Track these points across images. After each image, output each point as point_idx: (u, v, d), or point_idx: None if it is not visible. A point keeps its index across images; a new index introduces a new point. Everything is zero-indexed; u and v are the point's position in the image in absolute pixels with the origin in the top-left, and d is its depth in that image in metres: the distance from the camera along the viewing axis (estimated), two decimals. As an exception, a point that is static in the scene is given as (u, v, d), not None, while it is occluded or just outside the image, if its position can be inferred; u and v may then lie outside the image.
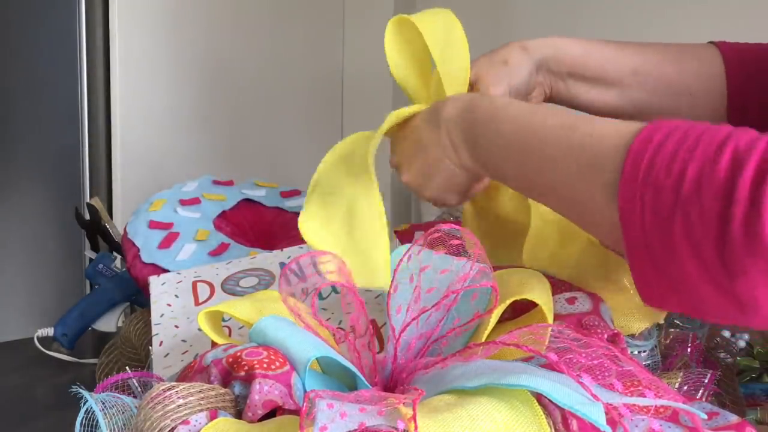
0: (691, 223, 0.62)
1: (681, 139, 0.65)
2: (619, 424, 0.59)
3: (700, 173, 0.63)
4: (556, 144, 0.75)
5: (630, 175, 0.67)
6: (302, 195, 1.27)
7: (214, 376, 0.69)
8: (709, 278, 0.62)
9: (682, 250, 0.63)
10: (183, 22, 2.21)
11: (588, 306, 0.79)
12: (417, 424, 0.55)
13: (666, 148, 0.66)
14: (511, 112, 0.81)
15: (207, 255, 1.10)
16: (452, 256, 0.75)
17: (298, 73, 2.53)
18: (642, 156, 0.66)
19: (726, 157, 0.62)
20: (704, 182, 0.62)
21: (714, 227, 0.61)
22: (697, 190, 0.62)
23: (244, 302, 0.81)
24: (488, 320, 0.74)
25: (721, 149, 0.63)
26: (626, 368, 0.63)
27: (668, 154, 0.65)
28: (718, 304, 0.64)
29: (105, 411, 0.66)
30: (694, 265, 0.63)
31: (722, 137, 0.64)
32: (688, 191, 0.63)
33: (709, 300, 0.64)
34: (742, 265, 0.60)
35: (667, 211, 0.64)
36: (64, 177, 2.13)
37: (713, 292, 0.63)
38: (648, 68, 1.02)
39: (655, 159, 0.65)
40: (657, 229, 0.65)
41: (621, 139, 0.69)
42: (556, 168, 0.75)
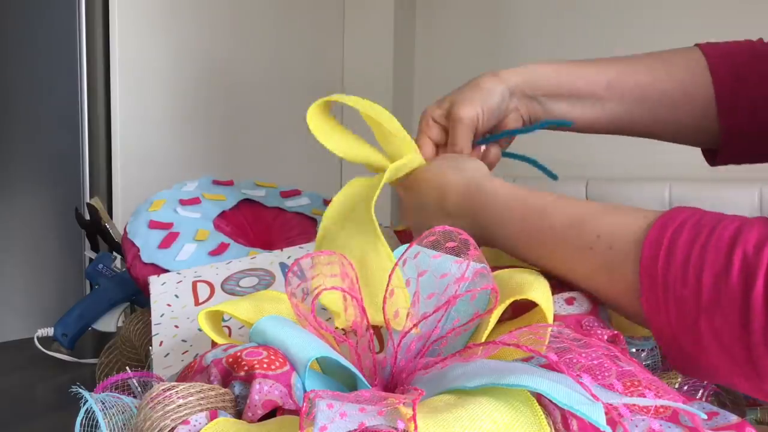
0: (716, 329, 0.65)
1: (689, 244, 0.67)
2: (619, 424, 0.59)
3: (716, 283, 0.65)
4: (566, 247, 0.78)
5: (649, 288, 0.69)
6: (302, 195, 1.28)
7: (214, 376, 0.69)
8: (742, 375, 0.66)
9: (711, 351, 0.66)
10: (183, 22, 2.21)
11: (587, 307, 0.78)
12: (417, 424, 0.55)
13: (677, 255, 0.68)
14: (516, 213, 0.83)
15: (207, 255, 1.10)
16: (450, 257, 0.75)
17: (298, 73, 2.54)
18: (655, 266, 0.69)
19: (736, 267, 0.64)
20: (722, 293, 0.65)
21: (738, 334, 0.64)
22: (717, 299, 0.65)
23: (244, 302, 0.81)
24: (488, 320, 0.74)
25: (731, 257, 0.65)
26: (626, 368, 0.62)
27: (681, 263, 0.67)
28: (751, 391, 0.68)
29: (105, 411, 0.66)
30: (725, 363, 0.66)
31: (730, 239, 0.66)
32: (708, 300, 0.65)
33: (741, 387, 0.69)
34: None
35: (692, 319, 0.67)
36: (64, 177, 2.13)
37: (746, 385, 0.67)
38: (622, 80, 1.03)
39: (669, 269, 0.68)
40: (685, 333, 0.68)
41: (631, 242, 0.71)
42: (569, 268, 0.78)
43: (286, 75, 2.49)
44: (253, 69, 2.41)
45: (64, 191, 2.12)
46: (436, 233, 0.75)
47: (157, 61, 2.18)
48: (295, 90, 2.53)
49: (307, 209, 1.25)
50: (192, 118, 2.26)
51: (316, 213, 1.23)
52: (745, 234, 0.65)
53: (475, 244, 0.75)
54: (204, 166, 2.26)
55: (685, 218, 0.70)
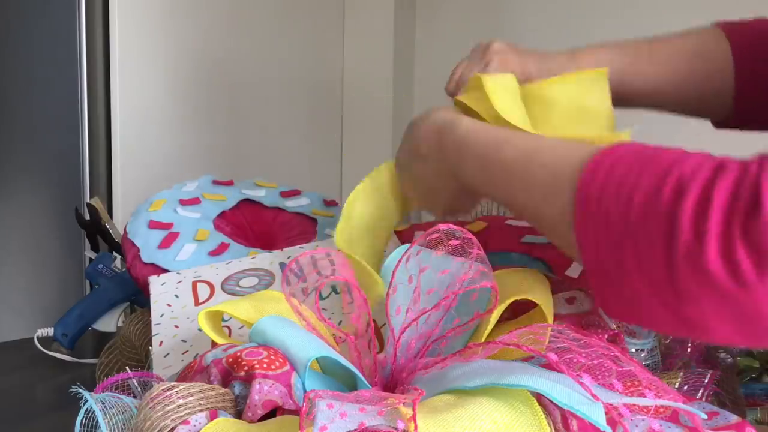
0: (640, 251, 0.63)
1: (627, 169, 0.66)
2: (619, 424, 0.59)
3: (645, 202, 0.63)
4: (516, 178, 0.77)
5: (581, 208, 0.68)
6: (302, 195, 1.28)
7: (214, 376, 0.69)
8: (660, 301, 0.64)
9: (634, 275, 0.64)
10: (183, 22, 2.21)
11: (587, 306, 0.79)
12: (417, 424, 0.55)
13: (612, 179, 0.67)
14: (476, 149, 0.84)
15: (207, 255, 1.10)
16: (451, 256, 0.75)
17: (298, 73, 2.54)
18: (591, 186, 0.68)
19: (669, 187, 0.63)
20: (650, 211, 0.63)
21: (661, 256, 0.62)
22: (644, 219, 0.63)
23: (244, 302, 0.81)
24: (488, 320, 0.74)
25: (666, 178, 0.63)
26: (626, 368, 0.63)
27: (616, 183, 0.66)
28: (671, 323, 0.65)
29: (105, 411, 0.66)
30: (645, 288, 0.64)
31: (668, 163, 0.64)
32: (635, 220, 0.64)
33: (662, 319, 0.65)
34: (689, 293, 0.61)
35: (617, 238, 0.65)
36: (64, 177, 2.12)
37: (665, 312, 0.64)
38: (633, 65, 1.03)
39: (604, 190, 0.67)
40: (610, 255, 0.66)
41: (572, 172, 0.70)
42: (518, 199, 0.78)
43: (285, 75, 2.49)
44: (253, 69, 2.41)
45: (64, 191, 2.12)
46: (440, 231, 0.75)
47: (157, 61, 2.18)
48: (295, 90, 2.53)
49: (307, 209, 1.25)
50: (192, 118, 2.26)
51: (316, 213, 1.23)
52: (684, 159, 0.64)
53: (479, 243, 0.75)
54: (204, 166, 2.26)
55: (629, 148, 0.69)
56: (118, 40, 2.08)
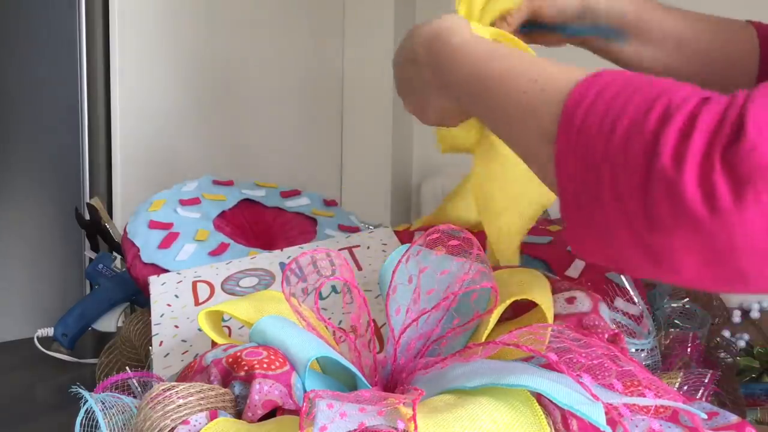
0: (617, 176, 0.62)
1: (617, 93, 0.65)
2: (619, 424, 0.59)
3: (629, 127, 0.62)
4: (502, 89, 0.76)
5: (565, 126, 0.66)
6: (302, 195, 1.28)
7: (214, 376, 0.69)
8: (632, 233, 0.62)
9: (608, 203, 0.62)
10: (183, 22, 2.21)
11: (588, 306, 0.79)
12: (417, 424, 0.55)
13: (601, 100, 0.65)
14: (469, 58, 0.82)
15: (207, 255, 1.10)
16: (451, 256, 0.76)
17: (298, 73, 2.54)
18: (577, 108, 0.66)
19: (655, 113, 0.61)
20: (632, 136, 0.61)
21: (638, 181, 0.60)
22: (625, 143, 0.62)
23: (244, 302, 0.81)
24: (488, 320, 0.74)
25: (653, 104, 0.62)
26: (626, 368, 0.63)
27: (603, 108, 0.65)
28: (640, 258, 0.63)
29: (105, 411, 0.66)
30: (618, 217, 0.62)
31: (657, 92, 0.63)
32: (617, 144, 0.62)
33: (631, 253, 0.63)
34: (662, 222, 0.59)
35: (596, 162, 0.63)
36: (64, 177, 2.12)
37: (635, 246, 0.62)
38: (689, 37, 1.03)
39: (590, 111, 0.65)
40: (585, 179, 0.64)
41: (561, 89, 0.69)
42: (501, 113, 0.76)
43: (285, 75, 2.49)
44: (253, 69, 2.41)
45: (64, 191, 2.12)
46: (439, 231, 0.75)
47: (157, 61, 2.18)
48: (295, 90, 2.53)
49: (307, 209, 1.24)
50: (192, 118, 2.26)
51: (316, 213, 1.23)
52: (674, 89, 0.63)
53: (478, 244, 0.75)
54: (204, 166, 2.25)
55: (620, 74, 0.68)
56: (118, 40, 2.08)
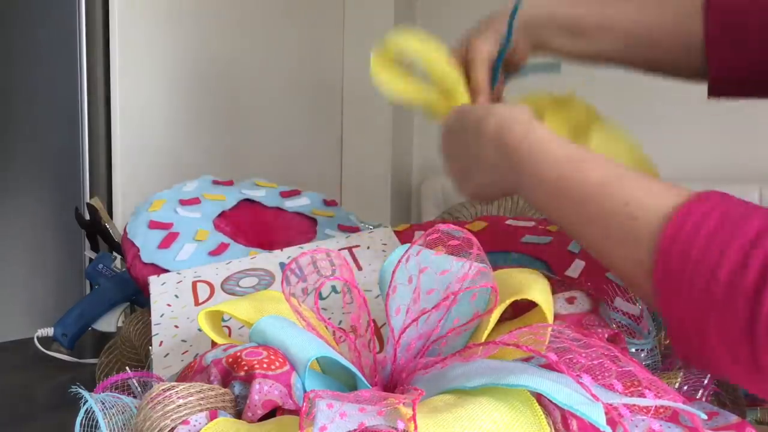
0: (725, 325, 0.65)
1: (715, 231, 0.67)
2: (619, 425, 0.59)
3: (731, 280, 0.64)
4: (593, 205, 0.76)
5: (663, 269, 0.69)
6: (302, 195, 1.28)
7: (214, 376, 0.69)
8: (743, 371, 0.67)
9: (716, 344, 0.67)
10: (183, 22, 2.21)
11: (588, 306, 0.79)
12: (417, 424, 0.55)
13: (699, 240, 0.67)
14: (552, 156, 0.81)
15: (207, 255, 1.10)
16: (451, 256, 0.75)
17: (298, 73, 2.54)
18: (675, 244, 0.68)
19: (754, 267, 0.64)
20: (735, 291, 0.64)
21: (744, 334, 0.64)
22: (729, 297, 0.65)
23: (244, 302, 0.81)
24: (488, 320, 0.74)
25: (751, 252, 0.64)
26: (626, 368, 0.63)
27: (701, 249, 0.66)
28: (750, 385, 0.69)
29: (105, 411, 0.66)
30: (728, 358, 0.67)
31: (755, 234, 0.65)
32: (721, 296, 0.65)
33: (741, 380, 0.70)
34: None
35: (702, 312, 0.67)
36: (64, 177, 2.12)
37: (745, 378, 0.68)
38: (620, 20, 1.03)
39: (689, 252, 0.67)
40: (693, 323, 0.68)
41: (653, 222, 0.70)
42: (590, 228, 0.77)
43: (285, 75, 2.50)
44: (253, 69, 2.41)
45: (64, 191, 2.12)
46: (439, 231, 0.75)
47: (157, 61, 2.18)
48: (295, 90, 2.53)
49: (307, 209, 1.24)
50: (192, 118, 2.27)
51: (315, 213, 1.23)
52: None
53: (478, 243, 0.75)
54: (204, 165, 2.26)
55: (715, 205, 0.69)
56: (118, 40, 2.08)
